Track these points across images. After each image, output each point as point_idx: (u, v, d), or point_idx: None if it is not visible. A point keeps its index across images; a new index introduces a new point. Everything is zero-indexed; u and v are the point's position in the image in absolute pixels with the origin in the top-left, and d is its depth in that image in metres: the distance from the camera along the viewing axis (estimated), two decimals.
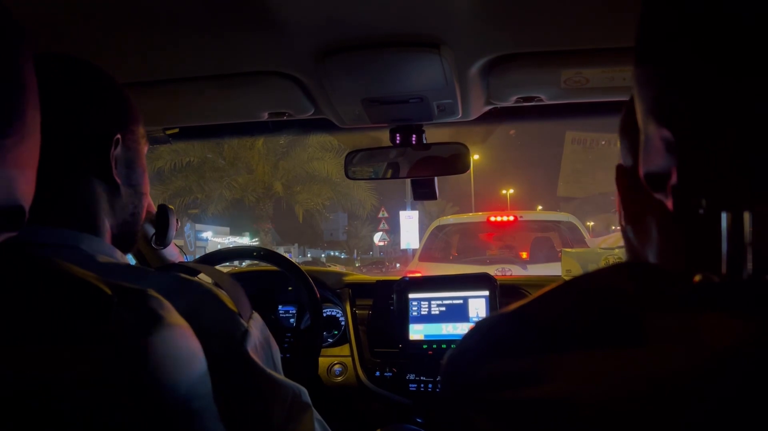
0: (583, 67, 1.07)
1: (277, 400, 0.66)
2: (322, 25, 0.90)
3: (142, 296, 0.49)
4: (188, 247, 21.54)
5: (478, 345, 0.50)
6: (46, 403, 0.41)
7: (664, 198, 0.44)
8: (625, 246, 0.58)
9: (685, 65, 0.39)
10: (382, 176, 1.46)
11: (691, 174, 0.40)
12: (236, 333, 0.65)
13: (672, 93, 0.41)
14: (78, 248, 0.64)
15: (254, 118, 1.37)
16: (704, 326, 0.38)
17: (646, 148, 0.45)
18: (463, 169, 1.39)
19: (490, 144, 28.29)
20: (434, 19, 0.89)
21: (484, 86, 1.17)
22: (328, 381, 1.70)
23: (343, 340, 1.76)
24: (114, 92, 0.73)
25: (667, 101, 0.42)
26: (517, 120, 1.48)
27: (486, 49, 1.01)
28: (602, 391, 0.38)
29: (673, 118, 0.41)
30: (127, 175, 0.73)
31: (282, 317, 1.82)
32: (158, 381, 0.46)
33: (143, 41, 0.97)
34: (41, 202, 0.54)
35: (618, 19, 0.88)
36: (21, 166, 0.46)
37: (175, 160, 15.26)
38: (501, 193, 32.97)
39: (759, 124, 0.37)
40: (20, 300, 0.43)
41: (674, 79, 0.40)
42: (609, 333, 0.41)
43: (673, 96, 0.41)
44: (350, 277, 1.88)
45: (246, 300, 0.71)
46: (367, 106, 1.21)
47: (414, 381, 1.60)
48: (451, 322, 1.61)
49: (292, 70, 1.09)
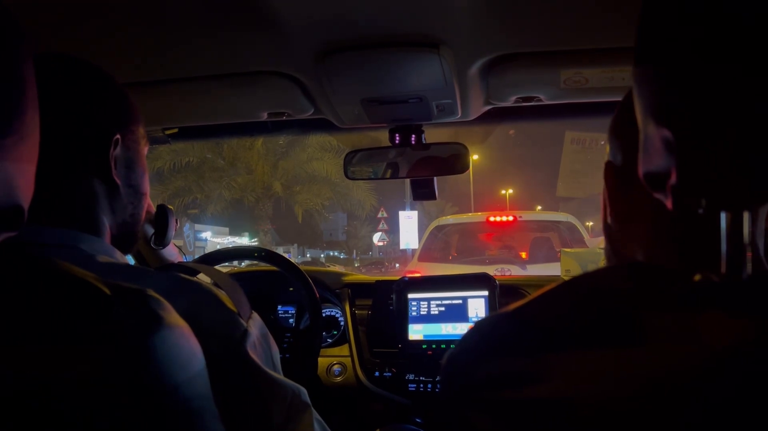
0: (583, 67, 1.07)
1: (277, 400, 0.66)
2: (321, 24, 0.90)
3: (142, 296, 0.49)
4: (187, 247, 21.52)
5: (477, 345, 0.50)
6: (45, 403, 0.41)
7: (664, 197, 0.44)
8: (606, 245, 0.58)
9: (684, 65, 0.39)
10: (381, 176, 1.46)
11: (691, 174, 0.40)
12: (236, 333, 0.65)
13: (671, 93, 0.41)
14: (77, 248, 0.64)
15: (253, 118, 1.37)
16: (704, 325, 0.38)
17: (645, 147, 0.45)
18: (462, 169, 1.40)
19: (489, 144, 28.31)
20: (433, 19, 0.89)
21: (484, 86, 1.17)
22: (327, 381, 1.70)
23: (342, 340, 1.76)
24: (114, 92, 0.73)
25: (667, 101, 0.42)
26: (517, 120, 1.48)
27: (485, 49, 1.01)
28: (601, 391, 0.38)
29: (673, 118, 0.41)
30: (127, 176, 0.73)
31: (281, 317, 1.82)
32: (158, 381, 0.46)
33: (143, 41, 0.97)
34: (41, 202, 0.54)
35: (617, 19, 0.88)
36: (20, 165, 0.46)
37: (174, 160, 15.26)
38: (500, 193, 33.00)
39: (759, 124, 0.37)
40: (20, 300, 0.43)
41: (674, 79, 0.40)
42: (608, 333, 0.41)
43: (673, 96, 0.41)
44: (349, 277, 1.88)
45: (245, 300, 0.71)
46: (366, 106, 1.21)
47: (413, 382, 1.60)
48: (451, 322, 1.61)
49: (291, 70, 1.09)
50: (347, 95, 1.17)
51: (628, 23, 0.46)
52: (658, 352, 0.38)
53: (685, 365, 0.37)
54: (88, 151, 0.68)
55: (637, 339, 0.39)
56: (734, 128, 0.38)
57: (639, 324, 0.40)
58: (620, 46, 0.97)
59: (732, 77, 0.37)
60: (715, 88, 0.38)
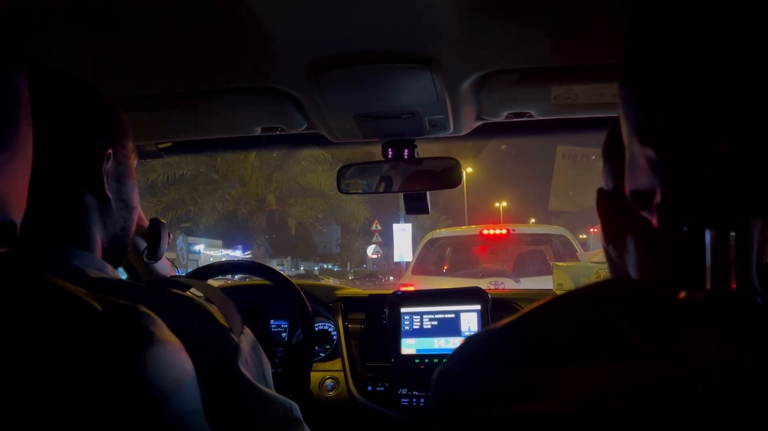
0: (573, 84, 1.08)
1: (268, 416, 0.66)
2: (314, 41, 0.91)
3: (133, 312, 0.49)
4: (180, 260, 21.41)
5: (468, 360, 0.51)
6: (36, 419, 0.41)
7: (650, 216, 0.44)
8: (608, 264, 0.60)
9: (667, 88, 0.40)
10: (374, 190, 1.47)
11: (675, 193, 0.41)
12: (227, 348, 0.65)
13: (655, 114, 0.42)
14: (69, 263, 0.64)
15: (247, 133, 1.38)
16: (690, 341, 0.38)
17: (631, 166, 0.46)
18: (455, 183, 1.40)
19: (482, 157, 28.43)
20: (425, 36, 0.90)
21: (475, 102, 1.18)
22: (319, 395, 1.69)
23: (335, 354, 1.75)
24: (105, 107, 0.73)
25: (651, 121, 0.42)
26: (509, 135, 1.49)
27: (476, 65, 1.02)
28: (591, 406, 0.39)
29: (657, 137, 0.42)
30: (118, 189, 0.73)
31: (274, 331, 1.81)
32: (149, 397, 0.46)
33: (137, 56, 0.98)
34: (33, 217, 0.54)
35: (607, 35, 0.89)
36: (13, 181, 0.46)
37: (168, 172, 15.24)
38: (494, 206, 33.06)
39: (740, 144, 0.37)
40: (10, 316, 0.43)
41: (658, 101, 0.41)
42: (598, 349, 0.41)
43: (657, 117, 0.42)
44: (342, 291, 1.88)
45: (237, 315, 0.71)
46: (359, 121, 1.22)
47: (406, 396, 1.59)
48: (443, 336, 1.61)
49: (284, 86, 1.10)
50: (340, 110, 1.18)
51: (617, 40, 0.47)
52: (647, 368, 0.38)
53: (674, 380, 0.37)
54: (80, 165, 0.68)
55: (627, 355, 0.40)
56: (716, 148, 0.38)
57: (628, 340, 0.41)
58: (610, 62, 0.98)
59: (715, 98, 0.38)
60: (698, 109, 0.39)
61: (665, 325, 0.40)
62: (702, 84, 0.38)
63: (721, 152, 0.38)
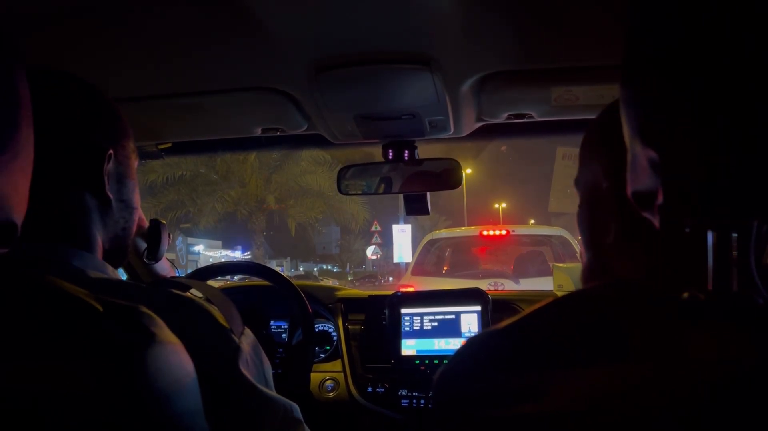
0: (573, 85, 1.08)
1: (268, 416, 0.66)
2: (315, 41, 0.91)
3: (134, 313, 0.49)
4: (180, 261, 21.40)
5: (469, 361, 0.51)
6: (36, 420, 0.41)
7: (652, 216, 0.44)
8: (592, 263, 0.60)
9: (667, 89, 0.40)
10: (374, 191, 1.47)
11: (677, 194, 0.41)
12: (228, 349, 0.65)
13: (656, 115, 0.42)
14: (69, 264, 0.64)
15: (247, 134, 1.38)
16: (691, 341, 0.38)
17: (633, 167, 0.46)
18: (455, 185, 1.40)
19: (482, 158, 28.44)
20: (425, 37, 0.91)
21: (476, 103, 1.18)
22: (319, 396, 1.69)
23: (335, 355, 1.75)
24: (106, 107, 0.73)
25: (652, 123, 0.42)
26: (509, 136, 1.50)
27: (476, 66, 1.02)
28: (592, 407, 0.39)
29: (658, 139, 0.42)
30: (119, 190, 0.73)
31: (274, 332, 1.81)
32: (149, 397, 0.46)
33: (137, 56, 0.98)
34: (33, 217, 0.54)
35: (607, 36, 0.89)
36: (14, 182, 0.46)
37: (167, 173, 15.23)
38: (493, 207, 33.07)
39: (741, 146, 0.37)
40: (11, 317, 0.43)
41: (658, 102, 0.41)
42: (598, 350, 0.41)
43: (657, 118, 0.42)
44: (342, 292, 1.88)
45: (237, 315, 0.71)
46: (359, 122, 1.22)
47: (406, 397, 1.59)
48: (444, 337, 1.61)
49: (285, 86, 1.10)
50: (340, 111, 1.18)
51: (618, 41, 0.47)
52: (648, 368, 0.38)
53: (674, 380, 0.37)
54: (81, 166, 0.68)
55: (626, 356, 0.40)
56: (717, 148, 0.38)
57: (628, 341, 0.41)
58: (610, 63, 0.98)
59: (715, 99, 0.38)
60: (698, 110, 0.39)
61: (665, 326, 0.40)
62: (702, 84, 0.38)
63: (721, 153, 0.38)
